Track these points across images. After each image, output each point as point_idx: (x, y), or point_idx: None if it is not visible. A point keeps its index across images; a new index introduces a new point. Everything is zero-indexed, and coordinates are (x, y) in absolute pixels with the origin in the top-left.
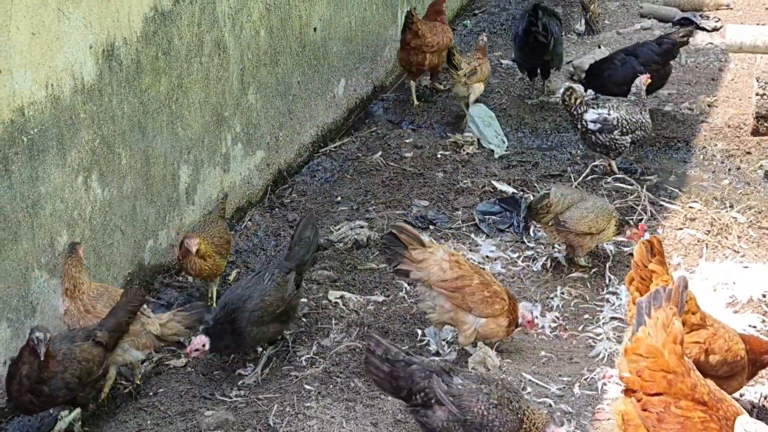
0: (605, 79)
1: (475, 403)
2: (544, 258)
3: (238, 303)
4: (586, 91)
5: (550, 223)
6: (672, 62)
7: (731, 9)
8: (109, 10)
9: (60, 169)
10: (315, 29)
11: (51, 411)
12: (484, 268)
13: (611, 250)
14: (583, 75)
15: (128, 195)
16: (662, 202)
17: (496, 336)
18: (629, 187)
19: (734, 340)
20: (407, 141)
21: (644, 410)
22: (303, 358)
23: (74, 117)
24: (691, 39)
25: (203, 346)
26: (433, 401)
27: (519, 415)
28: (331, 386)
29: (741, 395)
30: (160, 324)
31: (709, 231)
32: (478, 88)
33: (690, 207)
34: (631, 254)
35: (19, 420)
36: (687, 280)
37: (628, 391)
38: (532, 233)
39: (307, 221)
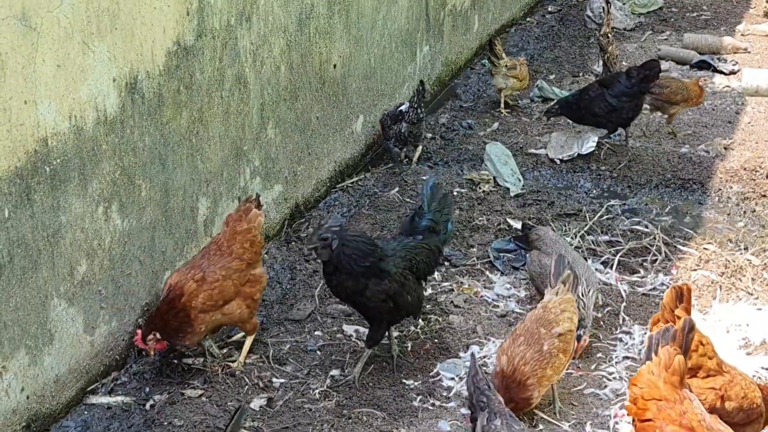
0: (581, 110)
1: None
2: None
3: None
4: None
5: None
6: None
7: (749, 53)
8: (133, 44)
9: (81, 199)
10: (335, 66)
11: None
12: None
13: (625, 290)
14: (557, 108)
15: (147, 226)
16: (677, 244)
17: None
18: (644, 229)
19: (750, 388)
20: (424, 178)
21: None
22: (316, 391)
23: (96, 148)
24: (661, 73)
25: None
26: None
27: None
28: (344, 420)
29: None
30: None
31: (723, 273)
32: (513, 83)
33: (704, 249)
34: (645, 294)
35: None
36: (693, 323)
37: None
38: None
39: None
